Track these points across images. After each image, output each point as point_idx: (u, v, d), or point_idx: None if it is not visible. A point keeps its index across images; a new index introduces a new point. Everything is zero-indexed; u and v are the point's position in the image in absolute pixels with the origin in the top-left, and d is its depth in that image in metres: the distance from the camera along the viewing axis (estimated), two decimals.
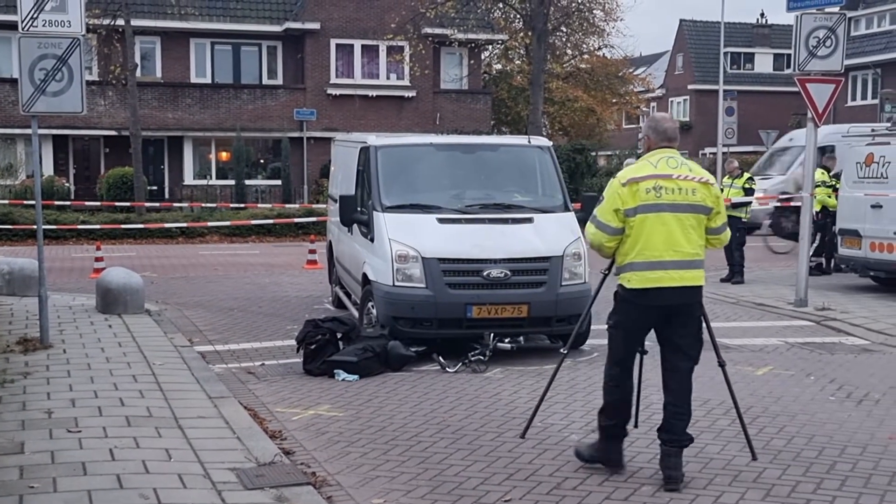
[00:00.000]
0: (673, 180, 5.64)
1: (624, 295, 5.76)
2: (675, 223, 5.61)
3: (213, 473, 5.55)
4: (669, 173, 5.66)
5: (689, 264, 5.65)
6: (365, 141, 10.91)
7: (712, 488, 5.70)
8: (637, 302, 5.70)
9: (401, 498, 5.55)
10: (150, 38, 33.21)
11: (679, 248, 5.60)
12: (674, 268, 5.61)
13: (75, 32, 9.19)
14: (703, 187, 5.69)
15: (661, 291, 5.62)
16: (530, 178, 10.80)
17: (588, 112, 42.15)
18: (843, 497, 5.52)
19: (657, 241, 5.59)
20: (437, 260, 9.36)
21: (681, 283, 5.64)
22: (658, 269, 5.60)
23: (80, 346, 9.29)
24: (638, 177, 5.66)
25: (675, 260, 5.61)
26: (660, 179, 5.63)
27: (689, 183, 5.66)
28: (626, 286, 5.72)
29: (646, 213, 5.60)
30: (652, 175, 5.65)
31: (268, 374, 8.99)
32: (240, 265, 18.83)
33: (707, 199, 5.70)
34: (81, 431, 6.30)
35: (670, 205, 5.60)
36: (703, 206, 5.69)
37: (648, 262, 5.61)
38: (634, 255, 5.65)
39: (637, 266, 5.65)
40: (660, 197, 5.59)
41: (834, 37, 12.77)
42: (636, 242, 5.63)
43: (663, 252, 5.59)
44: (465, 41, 34.67)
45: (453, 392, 8.18)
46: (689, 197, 5.64)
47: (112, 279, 11.67)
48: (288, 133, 33.81)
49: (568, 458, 6.26)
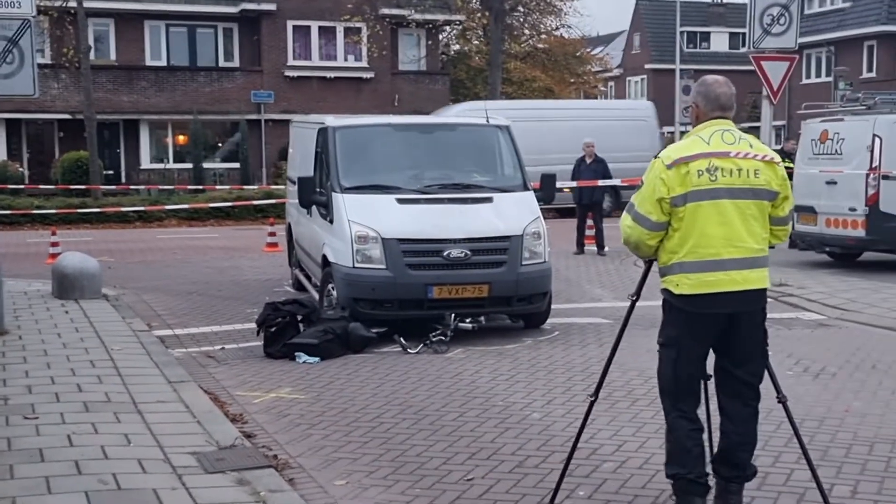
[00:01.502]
0: (731, 159, 4.54)
1: (674, 304, 4.67)
2: (735, 212, 4.53)
3: (173, 458, 5.50)
4: (726, 150, 4.56)
5: (753, 262, 4.57)
6: (323, 122, 10.84)
7: None
8: (691, 313, 4.62)
9: (363, 479, 5.53)
10: (103, 20, 32.79)
11: (741, 242, 4.53)
12: (735, 267, 4.53)
13: (25, 13, 9.01)
14: (768, 167, 4.59)
15: (719, 297, 4.55)
16: (489, 158, 10.80)
17: (546, 92, 42.23)
18: (799, 469, 5.55)
19: (714, 236, 4.51)
20: (397, 240, 9.33)
21: (744, 287, 4.56)
22: (717, 271, 4.53)
23: (37, 333, 9.15)
24: (688, 156, 4.55)
25: (736, 258, 4.53)
26: (714, 158, 4.53)
27: (751, 162, 4.56)
28: (674, 292, 4.63)
29: (698, 201, 4.51)
30: (705, 153, 4.55)
31: (228, 357, 8.93)
32: (198, 249, 18.66)
33: (772, 181, 4.61)
34: (38, 418, 6.21)
35: (728, 189, 4.51)
36: (767, 190, 4.59)
37: (703, 262, 4.53)
38: (685, 252, 4.56)
39: (689, 266, 4.56)
40: (715, 181, 4.50)
41: (788, 14, 12.88)
42: (687, 237, 4.54)
43: (721, 249, 4.51)
44: (422, 22, 34.62)
45: (415, 373, 8.18)
46: (751, 180, 4.55)
47: (68, 264, 11.53)
48: (245, 116, 33.58)
49: (530, 436, 6.28)
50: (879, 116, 14.11)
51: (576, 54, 45.24)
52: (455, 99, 37.71)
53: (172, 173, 32.44)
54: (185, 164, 32.86)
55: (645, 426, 6.54)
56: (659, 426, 6.42)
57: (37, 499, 4.81)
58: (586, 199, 17.05)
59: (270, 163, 33.46)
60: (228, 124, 34.62)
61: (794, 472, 5.49)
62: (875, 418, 6.70)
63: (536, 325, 10.13)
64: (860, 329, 10.21)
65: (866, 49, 45.07)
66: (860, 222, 14.02)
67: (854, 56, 45.11)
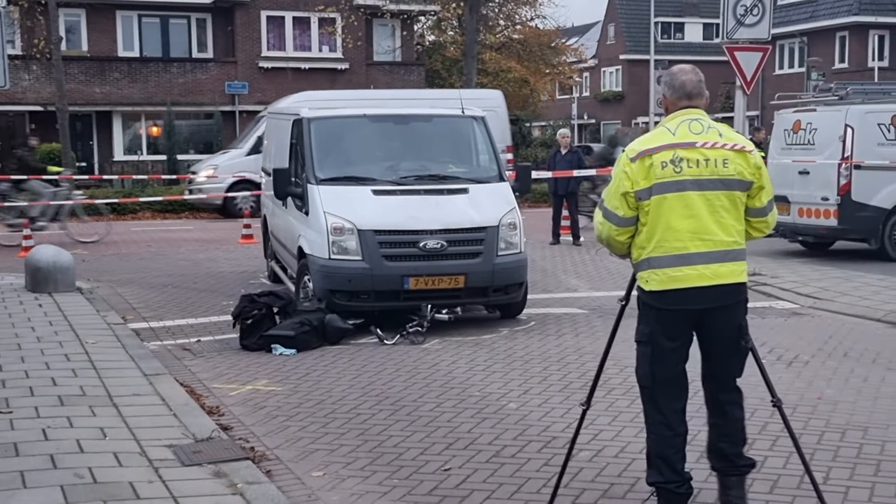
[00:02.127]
0: (697, 149, 4.35)
1: (645, 300, 4.50)
2: (703, 204, 4.33)
3: (149, 451, 5.48)
4: (692, 141, 4.37)
5: (724, 255, 4.36)
6: (298, 113, 10.80)
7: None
8: (661, 310, 4.43)
9: (340, 470, 5.54)
10: (74, 10, 32.44)
11: (709, 235, 4.33)
12: (703, 262, 4.33)
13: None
14: (738, 156, 4.39)
15: (690, 292, 4.36)
16: (465, 149, 10.81)
17: (521, 83, 42.22)
18: (774, 456, 5.63)
19: (680, 229, 4.33)
20: (373, 232, 9.32)
21: (714, 282, 4.34)
22: (683, 265, 4.34)
23: (10, 326, 9.07)
24: (650, 148, 4.39)
25: (703, 252, 4.33)
26: (679, 149, 4.34)
27: (719, 151, 4.36)
28: (644, 288, 4.47)
29: (663, 194, 4.34)
30: (669, 144, 4.37)
31: (204, 350, 8.90)
32: (173, 241, 18.55)
33: (744, 170, 4.39)
34: (13, 412, 6.16)
35: (694, 181, 4.33)
36: (738, 180, 4.38)
37: (670, 257, 4.36)
38: (652, 247, 4.39)
39: (657, 262, 4.39)
40: (680, 172, 4.32)
41: (761, 5, 12.98)
42: (654, 231, 4.38)
43: (688, 242, 4.33)
44: (397, 12, 34.51)
45: (392, 364, 8.18)
46: (719, 170, 4.35)
47: (41, 257, 11.42)
48: (220, 107, 33.40)
49: (506, 426, 6.30)
50: (851, 107, 14.24)
51: (551, 45, 45.21)
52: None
53: (146, 165, 32.18)
54: (159, 155, 32.60)
55: (620, 415, 6.57)
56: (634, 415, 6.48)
57: (11, 493, 4.77)
58: (562, 190, 17.08)
59: None
60: (202, 115, 34.38)
61: (768, 460, 5.54)
62: (847, 405, 6.77)
63: (513, 316, 10.16)
64: (832, 317, 10.31)
65: (838, 40, 45.41)
66: (832, 212, 14.16)
67: (826, 47, 45.44)
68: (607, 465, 5.58)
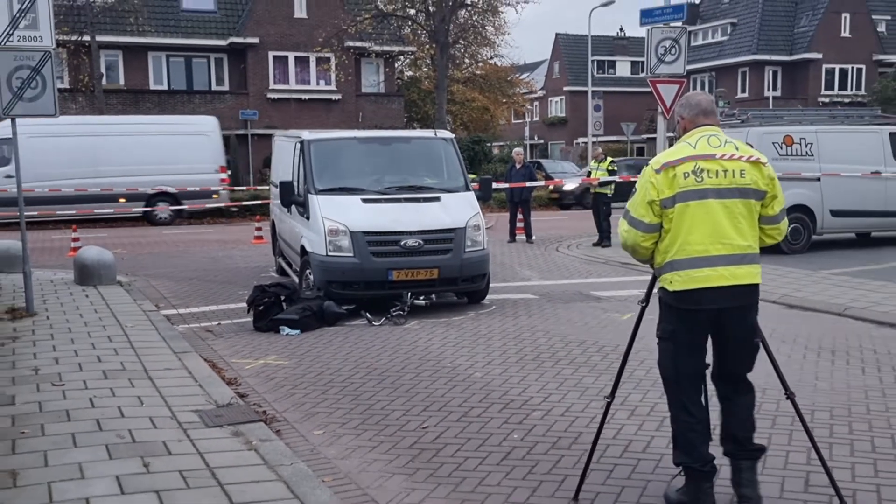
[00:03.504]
0: (716, 161, 4.04)
1: (667, 300, 4.15)
2: (722, 211, 4.02)
3: (179, 415, 5.46)
4: (712, 153, 4.06)
5: (742, 259, 4.06)
6: (300, 136, 10.76)
7: (584, 410, 5.80)
8: (682, 308, 4.09)
9: (337, 429, 5.53)
10: (113, 51, 32.11)
11: (728, 239, 4.03)
12: (723, 264, 4.02)
13: (46, 47, 8.82)
14: (754, 167, 4.08)
15: (710, 292, 4.03)
16: (437, 165, 10.79)
17: (483, 110, 42.36)
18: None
19: (702, 233, 4.02)
20: (363, 233, 9.31)
21: (732, 282, 4.04)
22: (705, 267, 4.02)
23: (62, 314, 8.99)
24: (674, 160, 4.07)
25: (723, 255, 4.03)
26: (700, 161, 4.04)
27: (736, 163, 4.05)
28: (668, 289, 4.11)
29: (686, 202, 4.02)
30: (691, 157, 4.06)
31: (223, 331, 8.84)
32: (197, 242, 18.41)
33: (759, 181, 4.08)
34: (65, 385, 6.12)
35: (714, 189, 4.01)
36: (753, 189, 4.07)
37: (692, 259, 4.03)
38: (675, 251, 4.06)
39: (679, 264, 4.05)
40: (701, 182, 4.01)
41: (678, 46, 13.07)
42: (677, 236, 4.05)
43: (709, 245, 4.02)
44: (381, 52, 34.42)
45: (378, 342, 8.17)
46: (737, 180, 4.04)
47: (87, 256, 11.33)
48: (235, 131, 33.13)
49: (473, 391, 6.31)
50: (751, 128, 14.36)
51: (507, 79, 45.34)
52: (409, 116, 37.66)
53: None
54: None
55: (588, 390, 6.58)
56: (600, 389, 6.52)
57: (65, 451, 4.74)
58: (517, 198, 17.13)
59: (256, 170, 33.04)
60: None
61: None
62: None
63: (477, 301, 10.18)
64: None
65: (740, 74, 45.92)
66: None
67: (730, 80, 45.94)
68: (555, 422, 5.59)
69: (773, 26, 45.37)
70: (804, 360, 7.23)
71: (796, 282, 11.22)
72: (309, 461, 4.85)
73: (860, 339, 8.01)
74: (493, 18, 33.09)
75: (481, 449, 5.11)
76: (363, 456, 5.04)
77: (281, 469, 4.53)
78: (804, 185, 14.24)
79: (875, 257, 13.55)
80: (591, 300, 10.21)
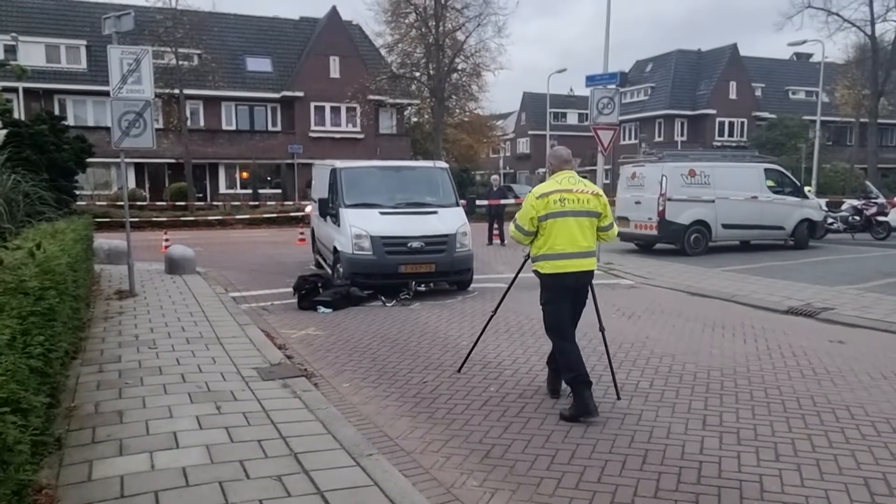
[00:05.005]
0: (573, 193, 4.70)
1: (543, 279, 4.79)
2: (575, 224, 4.67)
3: (242, 371, 5.41)
4: (570, 188, 4.72)
5: (586, 254, 4.70)
6: (333, 164, 10.70)
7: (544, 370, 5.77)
8: (553, 283, 4.74)
9: (360, 382, 5.49)
10: (195, 101, 31.85)
11: (577, 243, 4.67)
12: (574, 257, 4.68)
13: (147, 97, 8.73)
14: (595, 198, 4.74)
15: (567, 275, 4.69)
16: (435, 187, 10.73)
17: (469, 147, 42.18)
18: (619, 372, 5.67)
19: (563, 238, 4.66)
20: (380, 237, 9.25)
21: (580, 269, 4.70)
22: (564, 259, 4.68)
23: (155, 295, 8.93)
24: (548, 191, 4.71)
25: (574, 252, 4.67)
26: (563, 193, 4.70)
27: (585, 195, 4.72)
28: (542, 272, 4.75)
29: (554, 218, 4.67)
30: (558, 190, 4.71)
31: (275, 309, 8.77)
32: (256, 243, 18.31)
33: (598, 206, 4.74)
34: (158, 347, 6.07)
35: (572, 211, 4.67)
36: (595, 211, 4.73)
37: (556, 254, 4.68)
38: (546, 248, 4.70)
39: (549, 257, 4.70)
40: (564, 206, 4.67)
41: (613, 102, 13.03)
42: (548, 239, 4.69)
43: (567, 246, 4.66)
44: (394, 104, 34.35)
45: (390, 318, 8.13)
46: (585, 205, 4.70)
47: (175, 252, 11.25)
48: (285, 160, 33.02)
49: (461, 355, 6.22)
50: (665, 164, 14.40)
51: (487, 124, 45.19)
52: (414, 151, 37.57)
53: (239, 196, 31.74)
54: (247, 189, 32.16)
55: (546, 355, 6.57)
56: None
57: (158, 398, 4.69)
58: (493, 212, 17.06)
59: (300, 189, 32.92)
60: (274, 166, 33.98)
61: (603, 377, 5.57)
62: (662, 342, 6.84)
63: (464, 288, 10.13)
64: (655, 289, 10.39)
65: (657, 124, 45.92)
66: (654, 226, 14.31)
67: (650, 128, 45.95)
68: (497, 362, 5.55)
69: (680, 90, 45.41)
70: (702, 333, 7.23)
71: (697, 276, 11.23)
72: (339, 406, 4.81)
73: (742, 318, 8.02)
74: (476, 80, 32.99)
75: (466, 398, 5.08)
76: (379, 403, 5.00)
77: (318, 412, 4.49)
78: (703, 205, 14.27)
79: (753, 259, 13.58)
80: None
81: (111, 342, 6.26)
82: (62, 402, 4.45)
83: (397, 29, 31.97)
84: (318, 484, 3.39)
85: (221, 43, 33.06)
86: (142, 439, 3.94)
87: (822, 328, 7.47)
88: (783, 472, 3.80)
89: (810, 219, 15.41)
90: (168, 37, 27.16)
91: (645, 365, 5.93)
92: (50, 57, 30.55)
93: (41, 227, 6.65)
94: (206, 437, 3.98)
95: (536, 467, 3.88)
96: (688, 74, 46.07)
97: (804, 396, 5.09)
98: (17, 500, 2.50)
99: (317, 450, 3.82)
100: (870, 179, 27.63)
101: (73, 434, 4.00)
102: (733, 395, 5.13)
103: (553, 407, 4.84)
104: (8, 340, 2.87)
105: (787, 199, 15.11)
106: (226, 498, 3.23)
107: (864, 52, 34.63)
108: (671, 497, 3.52)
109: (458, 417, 4.68)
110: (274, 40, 35.32)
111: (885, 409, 4.83)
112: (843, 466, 3.89)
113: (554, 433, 4.38)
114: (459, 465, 3.92)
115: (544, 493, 3.57)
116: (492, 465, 3.92)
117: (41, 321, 3.53)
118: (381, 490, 3.34)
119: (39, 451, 3.43)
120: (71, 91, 30.31)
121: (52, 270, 4.30)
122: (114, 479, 3.42)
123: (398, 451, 4.09)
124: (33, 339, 3.25)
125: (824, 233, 16.47)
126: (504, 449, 4.13)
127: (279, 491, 3.31)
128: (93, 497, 3.24)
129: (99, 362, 5.53)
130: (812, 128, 37.02)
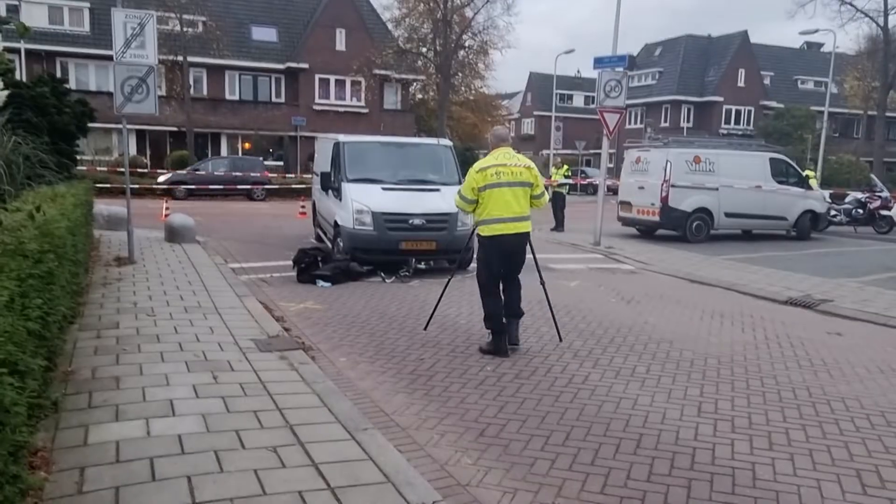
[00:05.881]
0: (508, 167, 5.42)
1: (482, 240, 5.57)
2: (510, 193, 5.39)
3: (240, 342, 5.41)
4: (505, 162, 5.44)
5: (519, 219, 5.44)
6: (337, 138, 10.61)
7: (541, 352, 5.81)
8: (490, 244, 5.50)
9: (356, 357, 5.50)
10: (199, 69, 31.56)
11: (512, 209, 5.40)
12: (510, 221, 5.41)
13: (150, 63, 8.62)
14: (527, 170, 5.47)
15: (503, 237, 5.44)
16: (438, 164, 10.66)
17: (473, 126, 41.86)
18: (618, 356, 5.69)
19: (499, 205, 5.39)
20: (381, 213, 9.21)
21: (514, 231, 5.44)
22: (500, 223, 5.41)
23: (154, 263, 8.91)
24: (486, 166, 5.46)
25: (510, 217, 5.40)
26: (499, 167, 5.42)
27: (518, 168, 5.44)
28: (481, 235, 5.53)
29: (491, 189, 5.39)
30: (494, 164, 5.44)
31: (274, 281, 8.77)
32: (257, 214, 18.27)
33: (529, 177, 5.46)
34: (156, 315, 6.07)
35: (507, 182, 5.39)
36: (527, 182, 5.45)
37: (494, 219, 5.42)
38: (485, 215, 5.45)
39: (487, 222, 5.46)
40: (499, 177, 5.39)
41: (620, 86, 12.89)
42: (486, 207, 5.43)
43: (503, 212, 5.39)
44: (399, 79, 34.06)
45: (389, 294, 8.13)
46: (518, 177, 5.42)
47: (175, 221, 11.22)
48: (287, 133, 32.82)
49: (457, 333, 6.28)
50: (670, 149, 14.31)
51: (492, 103, 44.83)
52: (418, 128, 37.32)
53: None
54: None
55: (543, 336, 6.56)
56: (552, 336, 6.48)
57: (155, 364, 4.70)
58: None
59: (302, 162, 32.71)
60: (277, 138, 33.78)
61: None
62: (660, 328, 6.84)
63: (464, 267, 10.10)
64: (655, 275, 10.40)
65: (663, 109, 45.61)
66: (656, 211, 14.27)
67: (657, 113, 45.64)
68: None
69: (688, 75, 45.01)
70: (701, 320, 7.23)
71: (698, 264, 11.22)
72: (335, 380, 4.81)
73: (741, 307, 8.02)
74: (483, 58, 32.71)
75: (463, 376, 5.09)
76: (375, 378, 5.01)
77: (314, 385, 4.50)
78: (707, 192, 14.22)
79: (755, 248, 13.56)
80: (547, 270, 10.08)
81: (109, 308, 6.24)
82: (59, 366, 4.45)
83: (405, 2, 31.60)
84: (313, 456, 3.40)
85: (227, 10, 32.65)
86: (138, 406, 3.94)
87: (820, 320, 7.48)
88: (776, 461, 3.82)
89: (813, 210, 15.36)
90: (173, 2, 26.82)
91: (643, 350, 5.94)
92: (53, 18, 30.18)
93: (41, 190, 6.61)
94: (203, 405, 3.99)
95: (531, 447, 3.90)
96: (697, 60, 45.64)
97: (800, 387, 5.10)
98: (13, 461, 2.51)
99: (312, 423, 3.83)
100: (875, 173, 27.52)
101: (69, 398, 4.01)
102: (729, 383, 5.14)
103: (549, 388, 4.85)
104: (6, 302, 2.85)
105: (791, 190, 15.05)
106: (221, 467, 3.25)
107: (875, 44, 34.25)
108: (664, 482, 3.54)
109: (453, 395, 4.68)
110: (280, 10, 34.87)
111: (880, 401, 4.85)
112: (836, 457, 3.90)
113: (549, 415, 4.39)
114: (454, 442, 3.93)
115: (538, 474, 3.58)
116: (486, 443, 3.93)
117: (40, 284, 3.51)
118: (376, 464, 3.35)
119: (36, 414, 3.44)
120: (73, 54, 30.00)
121: (52, 234, 4.27)
122: (109, 444, 3.43)
123: (393, 426, 4.10)
124: (31, 302, 3.24)
125: (827, 225, 16.45)
126: (499, 428, 4.14)
127: (274, 462, 3.33)
128: (88, 461, 3.25)
129: (97, 328, 5.52)
130: (819, 118, 36.75)
